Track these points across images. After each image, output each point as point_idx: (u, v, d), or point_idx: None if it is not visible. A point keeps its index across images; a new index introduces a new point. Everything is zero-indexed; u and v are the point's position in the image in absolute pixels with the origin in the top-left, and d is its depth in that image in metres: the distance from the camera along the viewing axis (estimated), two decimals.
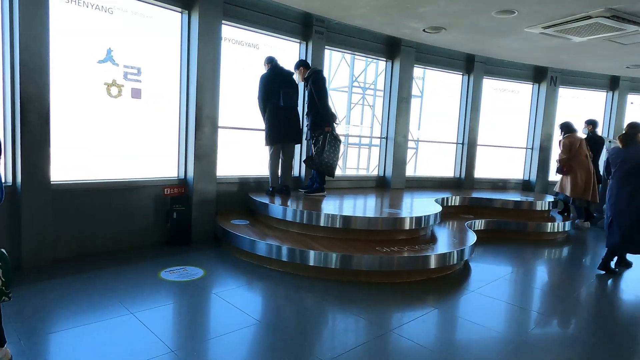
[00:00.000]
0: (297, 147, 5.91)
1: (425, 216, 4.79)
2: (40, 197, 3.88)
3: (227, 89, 5.35)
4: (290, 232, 4.66)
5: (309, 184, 5.92)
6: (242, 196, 5.51)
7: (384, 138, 7.31)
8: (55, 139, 3.99)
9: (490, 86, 8.21)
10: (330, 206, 5.15)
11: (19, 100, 3.68)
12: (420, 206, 5.59)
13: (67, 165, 4.26)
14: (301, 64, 5.53)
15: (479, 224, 6.22)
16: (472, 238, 4.86)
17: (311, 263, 3.98)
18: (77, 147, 4.45)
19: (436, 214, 5.01)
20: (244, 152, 6.14)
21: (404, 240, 4.64)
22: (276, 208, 4.80)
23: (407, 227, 4.66)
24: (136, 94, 4.67)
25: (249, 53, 5.68)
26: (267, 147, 5.38)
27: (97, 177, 4.49)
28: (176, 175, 5.14)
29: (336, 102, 7.92)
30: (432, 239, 4.88)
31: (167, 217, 4.87)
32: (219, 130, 5.23)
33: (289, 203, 5.13)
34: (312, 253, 3.97)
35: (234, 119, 5.57)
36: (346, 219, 4.46)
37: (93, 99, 4.40)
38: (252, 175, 5.83)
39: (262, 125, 5.40)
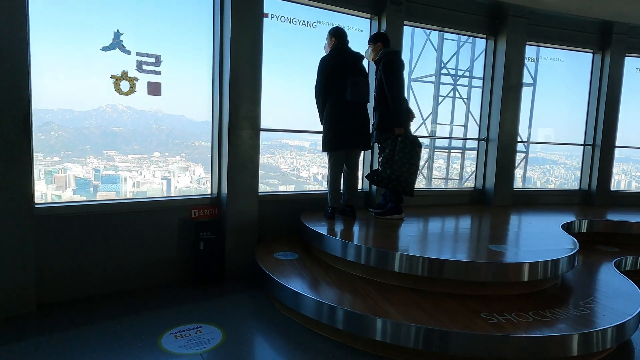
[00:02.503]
0: (366, 154, 4.61)
1: (553, 261, 3.20)
2: (18, 224, 3.03)
3: (271, 81, 4.22)
4: (353, 277, 3.37)
5: (381, 202, 4.57)
6: (292, 218, 4.33)
7: (482, 140, 5.70)
8: (42, 150, 3.14)
9: (633, 67, 6.19)
10: (409, 238, 3.76)
11: None
12: (543, 238, 3.97)
13: (61, 183, 3.40)
14: (378, 38, 4.20)
15: (631, 262, 4.40)
16: (635, 297, 3.18)
17: (378, 337, 2.66)
18: (75, 160, 3.57)
19: (572, 256, 3.38)
20: (295, 160, 4.99)
21: (522, 298, 3.11)
22: (334, 242, 3.54)
23: (526, 277, 3.12)
24: (154, 89, 3.71)
25: (301, 33, 4.50)
26: (327, 155, 4.15)
27: (100, 198, 3.60)
28: (208, 193, 4.12)
29: (419, 95, 6.50)
30: (565, 295, 3.29)
31: (192, 247, 3.86)
32: (261, 133, 4.13)
33: (352, 232, 3.85)
34: (379, 323, 2.65)
35: (281, 118, 4.44)
36: (432, 265, 3.06)
37: (96, 97, 3.51)
38: (305, 191, 4.65)
39: (319, 126, 4.18)
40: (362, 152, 4.40)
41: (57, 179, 3.00)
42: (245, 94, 3.90)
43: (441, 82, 6.39)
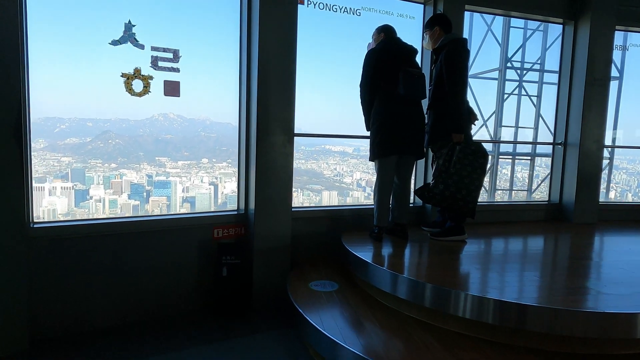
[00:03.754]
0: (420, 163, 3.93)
1: None
2: (8, 247, 2.63)
3: (307, 79, 3.65)
4: (407, 320, 2.71)
5: (438, 220, 3.88)
6: (332, 239, 3.73)
7: (559, 144, 4.86)
8: (101, 157, 2.98)
9: None
10: (475, 269, 3.04)
11: None
12: None
13: (117, 188, 3.15)
14: (436, 21, 3.53)
15: None
16: None
17: None
18: (130, 166, 3.26)
19: None
20: (338, 166, 4.41)
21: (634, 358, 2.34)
22: (381, 273, 2.89)
23: None
24: (172, 89, 3.23)
25: (343, 22, 3.91)
26: (374, 164, 3.52)
27: (107, 215, 3.17)
28: (234, 208, 3.60)
29: (478, 93, 5.70)
30: None
31: (214, 273, 3.34)
32: (301, 139, 3.57)
33: (403, 259, 3.20)
34: None
35: (320, 122, 3.87)
36: (508, 311, 2.34)
37: (104, 99, 3.08)
38: (347, 206, 4.03)
39: (362, 130, 3.57)
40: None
41: (114, 184, 3.06)
42: (276, 94, 3.35)
43: (506, 79, 5.59)
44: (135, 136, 3.21)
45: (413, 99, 3.38)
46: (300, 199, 4.12)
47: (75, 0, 2.96)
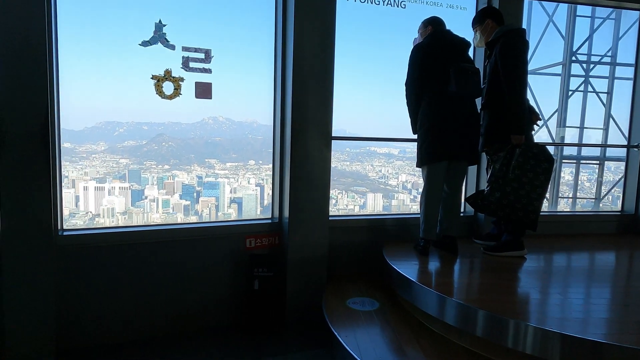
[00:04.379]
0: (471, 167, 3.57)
1: None
2: (36, 255, 2.56)
3: (346, 77, 3.40)
4: (457, 350, 2.40)
5: (492, 232, 3.51)
6: (373, 251, 3.44)
7: (635, 147, 4.31)
8: (155, 159, 3.11)
9: None
10: (537, 293, 2.66)
11: None
12: None
13: (170, 189, 3.23)
14: (486, 14, 3.18)
15: None
16: None
17: None
18: (182, 168, 3.32)
19: None
20: (383, 168, 4.15)
21: None
22: (426, 294, 2.59)
23: None
24: (204, 91, 3.09)
25: (387, 16, 3.62)
26: (421, 170, 3.21)
27: (135, 223, 3.07)
28: (268, 216, 3.42)
29: (538, 91, 5.21)
30: None
31: (246, 286, 3.16)
32: (341, 142, 3.33)
33: (452, 278, 2.87)
34: None
35: (361, 124, 3.61)
36: (580, 347, 1.97)
37: (134, 103, 3.00)
38: (390, 214, 3.74)
39: (411, 132, 3.27)
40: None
41: (167, 185, 3.20)
42: (312, 94, 3.12)
43: (571, 74, 5.06)
44: (187, 139, 3.33)
45: (466, 98, 3.05)
46: (345, 200, 4.00)
47: (105, 0, 2.87)
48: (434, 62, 3.01)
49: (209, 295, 3.14)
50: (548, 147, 3.11)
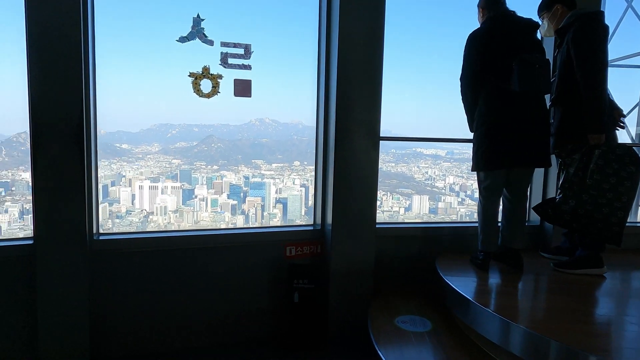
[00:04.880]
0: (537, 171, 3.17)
1: None
2: (70, 260, 2.49)
3: (395, 74, 3.12)
4: None
5: (563, 245, 3.09)
6: (424, 263, 3.13)
7: None
8: (205, 160, 3.25)
9: None
10: (619, 321, 2.25)
11: (28, 111, 2.36)
12: None
13: (218, 189, 3.30)
14: None
15: None
16: None
17: None
18: (229, 168, 3.38)
19: None
20: (430, 170, 3.88)
21: None
22: (487, 318, 2.26)
23: None
24: (242, 88, 2.92)
25: (443, 4, 3.31)
26: (478, 176, 2.88)
27: (169, 228, 2.96)
28: (309, 222, 3.20)
29: (614, 84, 4.65)
30: None
31: (286, 298, 2.96)
32: (387, 143, 3.07)
33: (517, 299, 2.52)
34: None
35: (407, 124, 3.33)
36: None
37: (171, 101, 2.89)
38: (444, 223, 3.41)
39: (467, 132, 2.94)
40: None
41: (216, 185, 3.31)
42: (358, 91, 2.87)
43: None
44: (235, 140, 3.42)
45: (532, 95, 2.66)
46: (390, 202, 3.87)
47: None
48: (492, 54, 2.65)
49: (246, 306, 2.97)
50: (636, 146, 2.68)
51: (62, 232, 2.46)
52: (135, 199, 3.13)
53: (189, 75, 2.82)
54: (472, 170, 2.85)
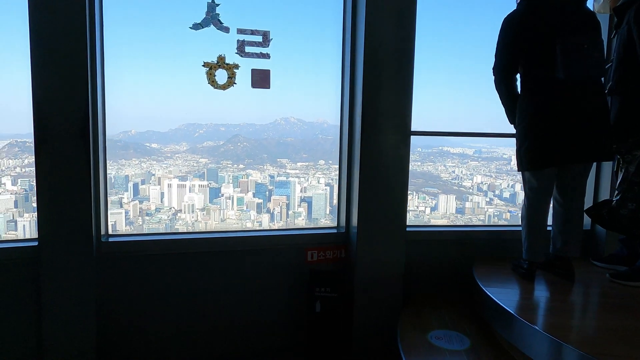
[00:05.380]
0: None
1: None
2: (76, 262, 2.34)
3: (425, 61, 2.85)
4: None
5: (620, 253, 2.74)
6: (460, 270, 2.85)
7: None
8: (231, 159, 3.27)
9: None
10: None
11: (32, 108, 2.21)
12: None
13: (244, 187, 3.28)
14: None
15: None
16: None
17: None
18: (255, 167, 3.37)
19: None
20: (457, 169, 3.66)
21: None
22: (534, 336, 1.96)
23: None
24: (260, 79, 2.71)
25: None
26: (522, 176, 2.56)
27: (177, 230, 2.79)
28: (332, 225, 2.97)
29: None
30: None
31: (307, 307, 2.74)
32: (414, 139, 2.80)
33: (569, 316, 2.21)
34: None
35: (434, 118, 3.06)
36: None
37: (184, 93, 2.71)
38: (482, 226, 3.13)
39: (508, 127, 2.64)
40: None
41: (242, 184, 3.36)
42: (387, 80, 2.61)
43: None
44: (260, 139, 3.47)
45: (581, 81, 2.31)
46: (416, 202, 3.77)
47: None
48: (530, 39, 2.32)
49: (263, 315, 2.76)
50: None
51: (67, 234, 2.31)
52: (164, 197, 3.20)
53: (203, 65, 2.63)
54: (518, 170, 2.54)
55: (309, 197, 3.48)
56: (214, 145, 3.38)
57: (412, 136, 2.68)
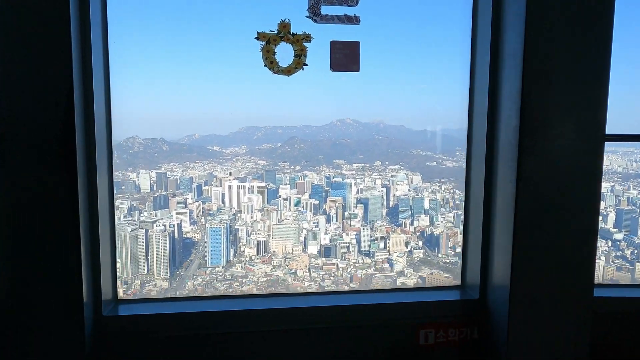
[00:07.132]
0: None
1: None
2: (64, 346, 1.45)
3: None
4: None
5: None
6: None
7: None
8: (288, 160, 3.32)
9: None
10: None
11: None
12: None
13: (300, 189, 3.34)
14: None
15: None
16: None
17: None
18: (311, 169, 3.42)
19: None
20: None
21: None
22: None
23: None
24: (345, 56, 1.77)
25: None
26: None
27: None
28: (451, 284, 1.94)
29: None
30: None
31: None
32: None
33: None
34: None
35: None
36: None
37: (231, 78, 1.98)
38: None
39: None
40: None
41: (298, 185, 3.48)
42: (564, 55, 1.58)
43: None
44: (316, 141, 3.60)
45: None
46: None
47: None
48: None
49: None
50: None
51: (42, 303, 1.42)
52: (224, 197, 3.37)
53: (257, 38, 1.71)
54: None
55: (365, 198, 3.62)
56: (272, 148, 3.51)
57: (606, 142, 1.61)
